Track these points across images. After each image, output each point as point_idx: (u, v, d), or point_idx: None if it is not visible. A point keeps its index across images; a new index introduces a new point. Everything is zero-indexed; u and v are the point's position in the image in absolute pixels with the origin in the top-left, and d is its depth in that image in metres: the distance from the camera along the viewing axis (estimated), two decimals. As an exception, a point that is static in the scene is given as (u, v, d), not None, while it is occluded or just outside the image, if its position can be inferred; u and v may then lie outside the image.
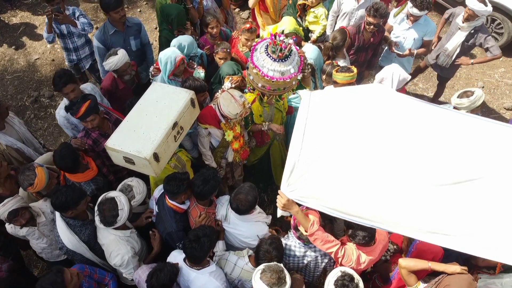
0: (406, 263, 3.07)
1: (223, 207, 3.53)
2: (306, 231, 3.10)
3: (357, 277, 2.88)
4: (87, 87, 4.24)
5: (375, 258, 3.21)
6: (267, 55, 3.39)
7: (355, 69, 4.16)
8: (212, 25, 4.80)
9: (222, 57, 4.55)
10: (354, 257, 3.08)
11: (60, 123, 4.18)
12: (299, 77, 3.58)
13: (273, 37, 3.33)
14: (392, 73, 4.18)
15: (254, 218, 3.42)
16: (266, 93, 3.64)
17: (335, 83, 4.21)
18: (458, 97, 4.06)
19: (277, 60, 3.38)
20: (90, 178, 3.61)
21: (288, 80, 3.46)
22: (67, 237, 3.29)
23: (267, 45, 3.42)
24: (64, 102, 4.10)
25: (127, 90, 4.44)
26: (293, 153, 2.82)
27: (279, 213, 3.15)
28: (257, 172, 4.92)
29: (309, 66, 4.09)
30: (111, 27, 4.65)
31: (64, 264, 3.41)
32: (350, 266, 3.05)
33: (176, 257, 3.18)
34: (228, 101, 3.58)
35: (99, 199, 3.24)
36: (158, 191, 3.59)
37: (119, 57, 4.08)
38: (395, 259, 3.52)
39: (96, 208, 3.21)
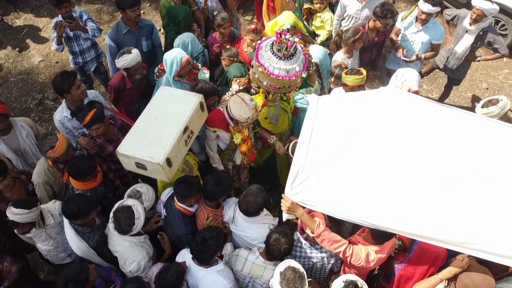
0: None
1: (230, 209, 3.54)
2: (312, 233, 3.12)
3: (361, 282, 2.87)
4: (89, 94, 4.23)
5: (384, 256, 3.21)
6: (273, 53, 3.37)
7: (364, 71, 4.16)
8: (225, 26, 4.81)
9: (228, 64, 4.56)
10: (363, 255, 3.08)
11: (56, 125, 4.21)
12: (303, 75, 3.58)
13: (278, 36, 3.32)
14: (402, 75, 4.14)
15: (261, 220, 3.43)
16: (271, 91, 3.64)
17: (345, 85, 4.21)
18: (483, 107, 4.03)
19: (282, 58, 3.36)
20: (88, 188, 3.61)
21: (294, 78, 3.45)
22: (77, 244, 3.31)
23: (272, 43, 3.41)
24: (63, 106, 4.09)
25: (134, 91, 4.45)
26: (299, 157, 2.83)
27: (285, 216, 3.18)
28: (263, 174, 4.92)
29: (313, 64, 4.09)
30: (124, 26, 4.69)
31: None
32: (359, 265, 3.06)
33: (185, 255, 3.20)
34: (239, 105, 3.58)
35: (115, 206, 3.24)
36: (165, 195, 3.60)
37: (133, 56, 4.10)
38: (399, 256, 3.54)
39: (111, 215, 3.22)
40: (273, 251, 3.09)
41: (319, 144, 2.86)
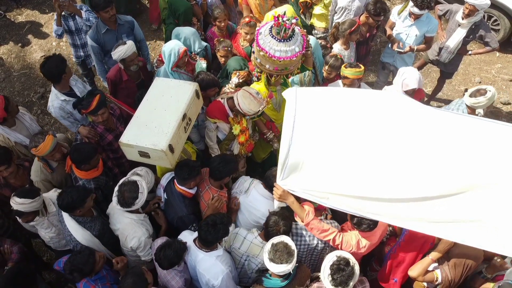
0: (415, 272, 3.22)
1: (246, 182, 3.71)
2: (302, 221, 3.22)
3: (353, 260, 2.91)
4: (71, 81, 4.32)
5: (375, 242, 3.31)
6: (272, 36, 3.51)
7: (362, 66, 4.31)
8: (220, 19, 4.91)
9: (223, 55, 4.66)
10: (353, 242, 3.17)
11: (56, 115, 4.27)
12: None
13: (276, 19, 3.45)
14: (403, 73, 4.34)
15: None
16: (274, 74, 3.78)
17: (345, 78, 4.34)
18: (471, 96, 4.15)
19: (281, 40, 3.50)
20: (92, 177, 3.72)
21: (294, 58, 3.59)
22: (81, 234, 3.39)
23: (271, 27, 3.54)
24: (55, 94, 4.17)
25: (131, 84, 4.55)
26: (283, 149, 2.91)
27: (276, 204, 3.28)
28: (266, 166, 4.98)
29: (311, 45, 4.17)
30: (103, 25, 4.76)
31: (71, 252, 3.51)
32: (350, 251, 3.13)
33: (187, 236, 3.31)
34: (249, 99, 3.69)
35: (121, 181, 3.37)
36: (165, 179, 3.73)
37: (128, 46, 4.19)
38: (390, 241, 3.66)
39: (116, 188, 3.34)
40: (272, 233, 3.19)
41: (303, 134, 2.92)
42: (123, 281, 2.97)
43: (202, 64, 4.54)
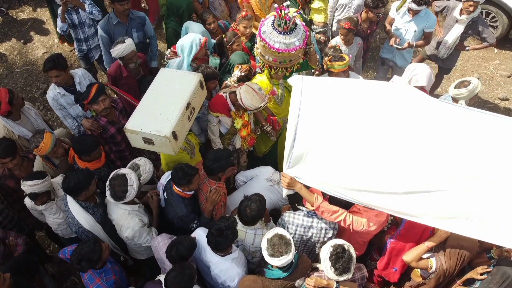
0: (409, 257, 3.25)
1: (276, 173, 3.94)
2: (312, 206, 3.26)
3: (347, 244, 2.95)
4: (78, 72, 4.41)
5: (384, 220, 3.32)
6: (273, 28, 3.59)
7: (347, 57, 4.35)
8: (209, 21, 4.96)
9: (238, 44, 4.66)
10: (363, 221, 3.20)
11: (50, 104, 4.38)
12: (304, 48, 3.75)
13: (278, 11, 3.52)
14: (414, 69, 4.38)
15: None
16: (273, 65, 3.85)
17: (330, 73, 4.39)
18: (455, 87, 4.20)
19: (282, 32, 3.57)
20: (93, 168, 3.74)
21: (293, 52, 3.65)
22: (84, 218, 3.42)
23: (274, 19, 3.62)
24: (54, 85, 4.26)
25: (130, 79, 4.59)
26: (289, 136, 2.95)
27: (285, 192, 3.32)
28: (268, 161, 5.00)
29: (313, 43, 4.20)
30: (114, 17, 4.86)
31: (77, 240, 3.58)
32: (361, 230, 3.19)
33: (201, 235, 3.30)
34: (251, 94, 3.73)
35: (111, 174, 3.41)
36: (165, 178, 3.74)
37: (126, 45, 4.24)
38: (390, 230, 3.69)
39: (107, 183, 3.38)
40: (243, 216, 3.29)
41: (308, 123, 2.96)
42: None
43: (216, 59, 4.60)
